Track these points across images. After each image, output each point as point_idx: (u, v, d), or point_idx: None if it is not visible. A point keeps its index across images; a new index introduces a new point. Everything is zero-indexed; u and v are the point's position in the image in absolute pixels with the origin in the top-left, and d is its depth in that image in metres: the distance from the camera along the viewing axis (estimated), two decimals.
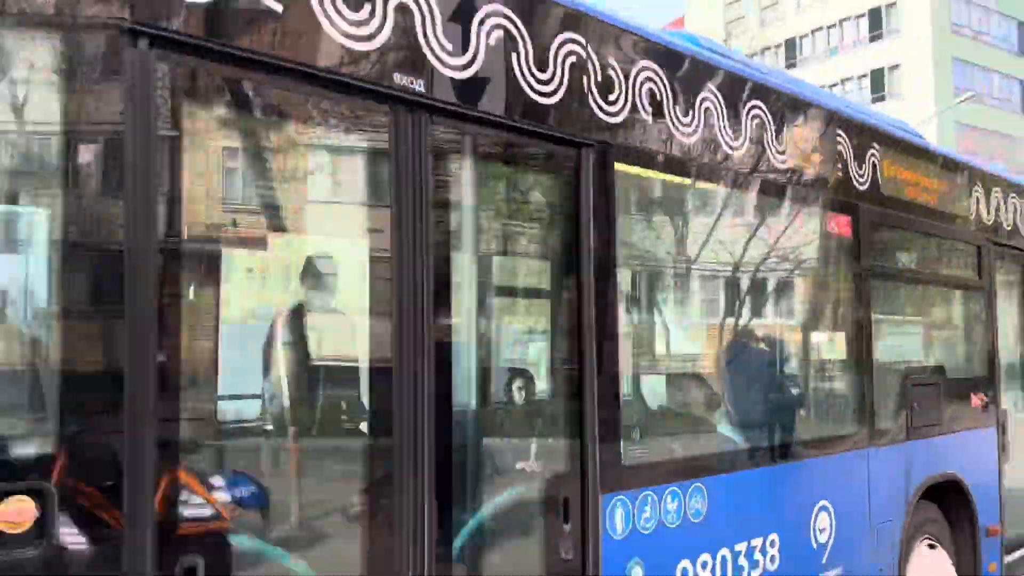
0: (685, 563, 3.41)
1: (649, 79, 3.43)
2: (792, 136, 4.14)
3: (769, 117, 4.00)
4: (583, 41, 3.10)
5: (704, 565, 3.49)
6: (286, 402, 2.73)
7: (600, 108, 3.22)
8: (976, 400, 5.61)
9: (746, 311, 4.34)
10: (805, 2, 57.98)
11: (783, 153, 4.08)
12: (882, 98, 49.44)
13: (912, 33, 51.85)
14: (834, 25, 56.27)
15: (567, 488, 3.03)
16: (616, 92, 3.29)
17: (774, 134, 4.03)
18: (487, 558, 2.88)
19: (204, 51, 2.19)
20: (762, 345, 4.37)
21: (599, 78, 3.19)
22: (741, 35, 54.27)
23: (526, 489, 3.03)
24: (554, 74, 3.02)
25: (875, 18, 54.07)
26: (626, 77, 3.34)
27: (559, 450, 3.07)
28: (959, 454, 5.33)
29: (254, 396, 2.80)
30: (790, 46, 57.65)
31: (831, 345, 4.64)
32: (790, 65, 53.94)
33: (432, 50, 2.67)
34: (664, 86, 3.47)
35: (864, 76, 53.62)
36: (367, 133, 2.63)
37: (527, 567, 2.97)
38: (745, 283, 4.32)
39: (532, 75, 2.97)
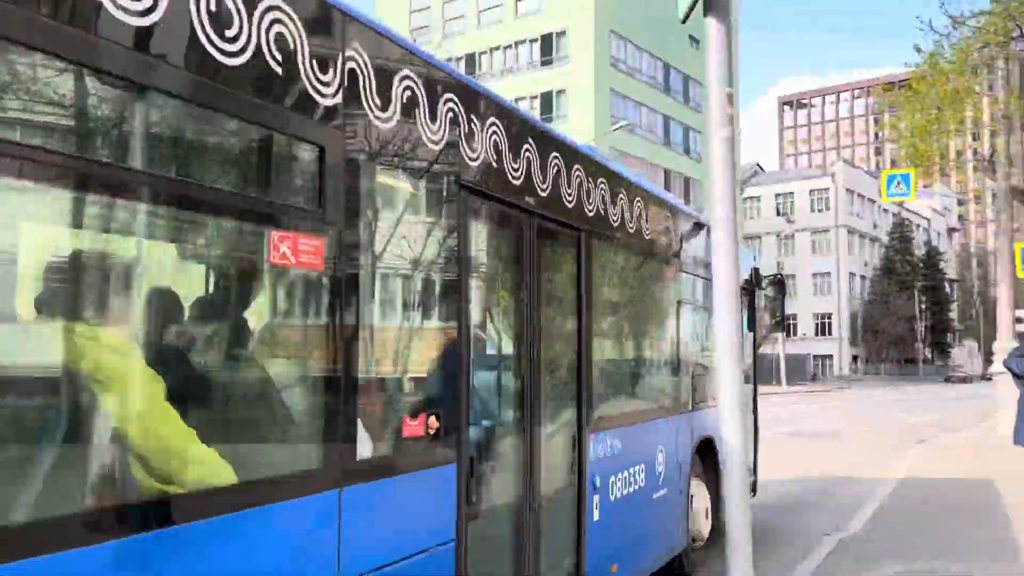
0: (612, 478, 5.90)
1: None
2: (649, 217, 6.81)
3: (643, 207, 6.65)
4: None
5: (618, 479, 6.00)
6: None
7: (581, 207, 5.62)
8: None
9: (635, 334, 6.99)
10: (486, 21, 61.61)
11: (648, 229, 6.75)
12: (550, 119, 53.72)
13: (578, 62, 57.13)
14: (510, 46, 60.62)
15: (574, 430, 5.41)
16: (592, 198, 5.71)
17: (641, 217, 6.67)
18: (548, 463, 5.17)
19: (483, 193, 4.35)
20: (645, 353, 7.06)
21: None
22: (426, 44, 56.38)
23: (565, 428, 5.36)
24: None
25: (547, 44, 58.83)
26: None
27: (569, 415, 5.43)
28: (713, 421, 8.36)
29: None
30: (470, 60, 60.88)
31: (666, 351, 7.38)
32: None
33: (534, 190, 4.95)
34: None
35: (536, 97, 58.02)
36: (501, 233, 4.86)
37: (562, 473, 5.30)
38: (638, 317, 6.97)
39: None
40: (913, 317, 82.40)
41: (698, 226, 8.12)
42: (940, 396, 47.67)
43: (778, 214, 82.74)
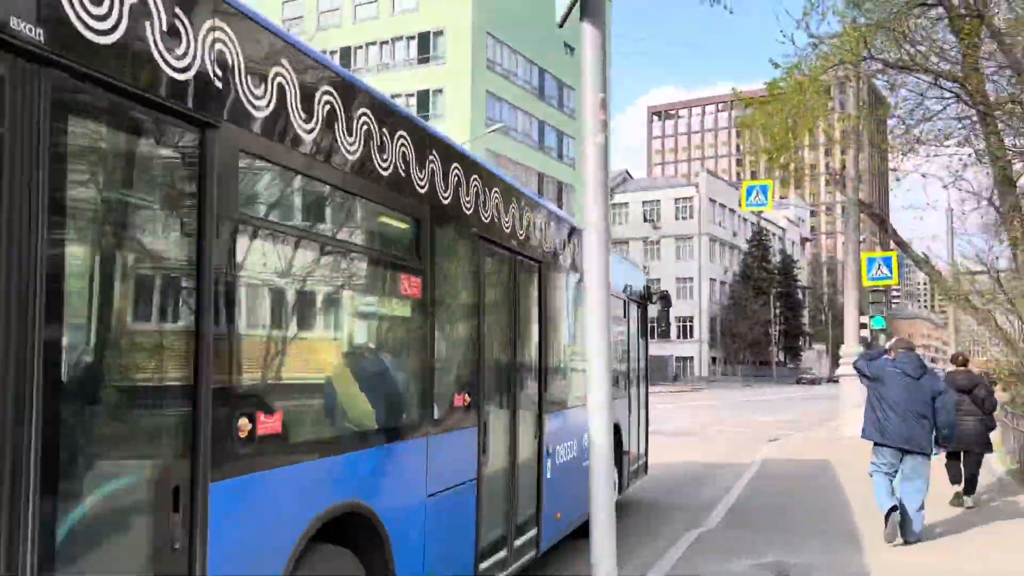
0: (559, 446, 7.98)
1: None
2: (542, 229, 8.92)
3: (578, 240, 8.75)
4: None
5: (562, 447, 8.09)
6: None
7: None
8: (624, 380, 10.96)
9: (569, 339, 9.07)
10: (362, 15, 62.43)
11: (541, 237, 8.85)
12: (427, 117, 54.32)
13: (454, 62, 58.81)
14: (387, 42, 61.69)
15: (535, 409, 7.44)
16: (547, 237, 7.74)
17: (576, 249, 8.77)
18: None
19: (489, 240, 6.32)
20: (575, 354, 9.16)
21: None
22: (299, 35, 55.70)
23: (533, 408, 7.37)
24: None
25: (424, 43, 60.18)
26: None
27: (533, 400, 7.44)
28: (623, 410, 10.58)
29: None
30: (345, 54, 61.67)
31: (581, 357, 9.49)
32: None
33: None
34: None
35: (412, 95, 59.25)
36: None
37: (530, 440, 7.30)
38: (573, 326, 9.05)
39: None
40: (768, 321, 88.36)
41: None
42: (792, 397, 52.05)
43: (645, 220, 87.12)
